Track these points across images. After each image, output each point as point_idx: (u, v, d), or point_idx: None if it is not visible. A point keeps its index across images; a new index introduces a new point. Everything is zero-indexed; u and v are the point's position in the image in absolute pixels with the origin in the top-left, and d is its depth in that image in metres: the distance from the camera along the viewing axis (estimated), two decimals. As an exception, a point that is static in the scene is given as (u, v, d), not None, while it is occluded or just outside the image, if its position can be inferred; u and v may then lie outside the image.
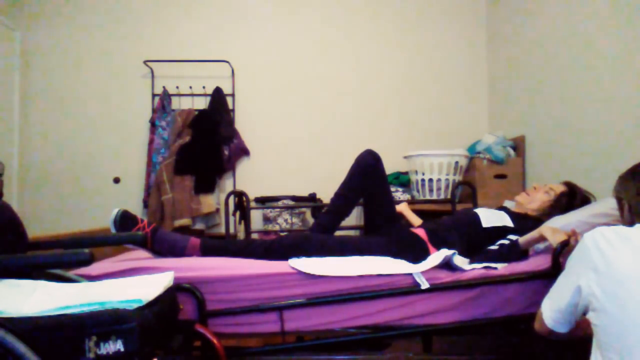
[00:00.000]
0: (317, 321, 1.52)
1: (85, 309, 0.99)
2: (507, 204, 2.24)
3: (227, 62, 3.50)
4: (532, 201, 1.98)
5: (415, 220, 2.30)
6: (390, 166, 3.18)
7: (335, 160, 3.52)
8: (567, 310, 1.07)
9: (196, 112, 3.43)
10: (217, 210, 3.38)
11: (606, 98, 2.18)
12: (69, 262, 1.00)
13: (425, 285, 1.50)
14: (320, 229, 1.91)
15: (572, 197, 1.92)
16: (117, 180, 3.53)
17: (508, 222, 1.85)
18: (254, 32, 3.61)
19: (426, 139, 3.56)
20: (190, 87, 3.55)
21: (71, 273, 1.37)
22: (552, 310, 1.11)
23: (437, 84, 3.64)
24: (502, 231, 1.81)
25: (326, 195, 3.22)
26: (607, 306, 0.93)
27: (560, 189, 1.97)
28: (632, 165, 1.14)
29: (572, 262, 1.07)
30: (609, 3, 2.17)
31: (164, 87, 3.49)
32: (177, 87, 3.55)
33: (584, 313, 1.03)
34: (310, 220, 3.35)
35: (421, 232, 1.82)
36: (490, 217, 1.87)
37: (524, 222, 1.86)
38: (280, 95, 3.61)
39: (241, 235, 3.12)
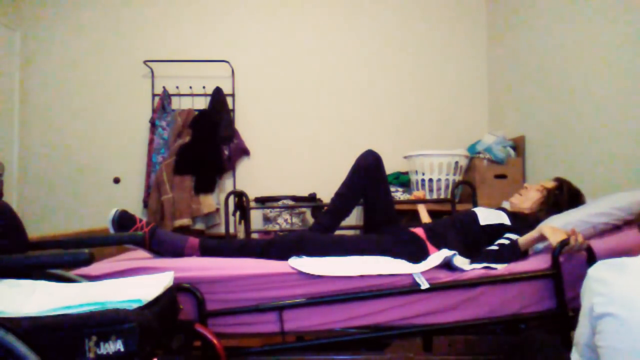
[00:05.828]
0: (317, 321, 1.52)
1: (85, 309, 0.99)
2: (504, 204, 2.24)
3: (227, 62, 3.50)
4: (525, 200, 2.01)
5: (426, 218, 2.39)
6: (390, 166, 3.18)
7: (335, 160, 3.53)
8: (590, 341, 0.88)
9: (196, 112, 3.43)
10: (217, 210, 3.38)
11: (606, 98, 2.18)
12: (69, 262, 1.00)
13: (425, 285, 1.50)
14: (320, 229, 1.91)
15: (560, 191, 1.95)
16: (117, 180, 3.53)
17: (506, 220, 1.85)
18: (254, 32, 3.61)
19: (426, 139, 3.56)
20: (190, 87, 3.55)
21: (71, 273, 1.37)
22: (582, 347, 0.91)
23: (437, 84, 3.64)
24: (499, 229, 1.81)
25: (326, 195, 3.23)
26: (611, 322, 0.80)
27: (551, 184, 2.01)
28: None
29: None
30: (609, 2, 2.17)
31: (164, 87, 3.49)
32: (177, 87, 3.55)
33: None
34: (310, 220, 3.35)
35: (420, 232, 1.82)
36: (488, 216, 1.87)
37: (522, 220, 1.86)
38: (281, 95, 3.61)
39: (241, 235, 3.12)
